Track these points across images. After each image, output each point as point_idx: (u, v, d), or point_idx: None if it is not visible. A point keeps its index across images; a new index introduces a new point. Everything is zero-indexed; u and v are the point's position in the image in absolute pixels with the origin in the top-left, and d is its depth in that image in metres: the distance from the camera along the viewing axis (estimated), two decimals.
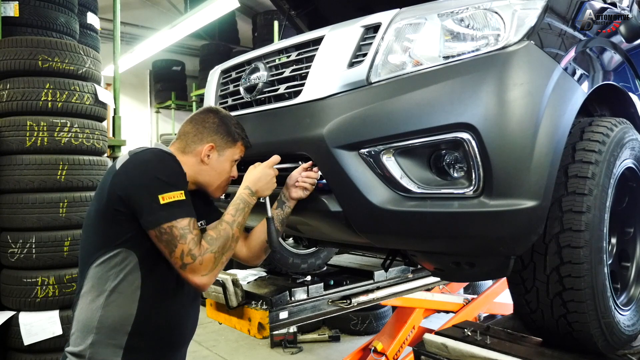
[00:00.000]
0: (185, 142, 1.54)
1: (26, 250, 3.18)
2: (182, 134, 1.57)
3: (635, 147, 1.65)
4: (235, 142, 1.57)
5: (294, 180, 1.57)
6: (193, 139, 1.54)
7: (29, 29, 3.65)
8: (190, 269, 1.33)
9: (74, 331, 1.42)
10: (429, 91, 1.33)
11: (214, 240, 1.38)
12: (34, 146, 3.22)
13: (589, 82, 1.54)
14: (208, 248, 1.36)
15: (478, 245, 1.36)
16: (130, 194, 1.33)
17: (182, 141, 1.55)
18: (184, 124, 1.60)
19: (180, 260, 1.32)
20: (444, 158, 1.36)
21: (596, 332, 1.48)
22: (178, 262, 1.33)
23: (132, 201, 1.33)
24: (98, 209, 1.39)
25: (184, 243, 1.32)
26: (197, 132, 1.54)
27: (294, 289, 2.43)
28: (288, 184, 1.59)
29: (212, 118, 1.56)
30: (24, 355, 3.17)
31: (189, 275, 1.34)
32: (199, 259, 1.33)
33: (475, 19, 1.37)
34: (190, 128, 1.56)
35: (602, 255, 1.46)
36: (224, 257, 1.41)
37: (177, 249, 1.32)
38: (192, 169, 1.52)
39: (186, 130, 1.56)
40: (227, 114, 1.60)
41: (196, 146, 1.53)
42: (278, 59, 1.77)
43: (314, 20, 2.84)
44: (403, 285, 2.84)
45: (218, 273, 1.41)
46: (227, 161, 1.57)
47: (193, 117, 1.59)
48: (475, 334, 1.82)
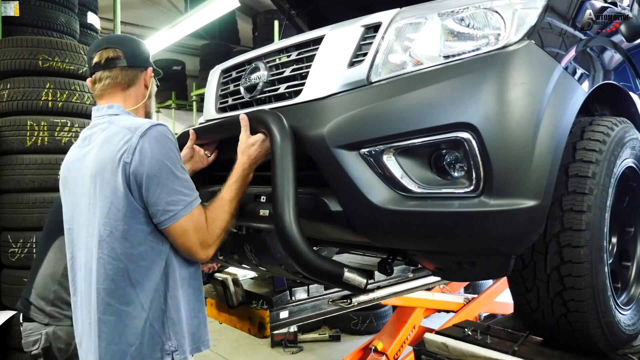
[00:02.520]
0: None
1: (27, 250, 3.18)
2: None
3: (635, 147, 1.65)
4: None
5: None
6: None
7: (29, 29, 3.66)
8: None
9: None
10: (430, 91, 1.33)
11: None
12: (34, 146, 3.22)
13: (590, 81, 1.54)
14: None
15: (479, 244, 1.36)
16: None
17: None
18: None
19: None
20: (445, 158, 1.36)
21: (596, 331, 1.48)
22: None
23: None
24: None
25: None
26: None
27: (294, 289, 2.43)
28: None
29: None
30: (24, 355, 3.17)
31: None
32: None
33: (475, 19, 1.37)
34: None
35: (602, 255, 1.46)
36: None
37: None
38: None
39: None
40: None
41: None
42: (278, 58, 1.77)
43: (314, 19, 2.84)
44: (403, 284, 2.83)
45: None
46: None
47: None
48: (475, 333, 1.83)
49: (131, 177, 1.33)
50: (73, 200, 1.49)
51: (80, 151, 1.48)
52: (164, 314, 1.39)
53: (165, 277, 1.40)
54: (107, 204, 1.35)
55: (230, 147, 1.76)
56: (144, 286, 1.37)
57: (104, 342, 1.35)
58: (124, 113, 1.50)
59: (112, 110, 1.50)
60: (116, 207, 1.34)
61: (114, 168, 1.34)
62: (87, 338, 1.42)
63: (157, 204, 1.35)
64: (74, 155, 1.51)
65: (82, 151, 1.47)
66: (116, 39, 1.61)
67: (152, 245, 1.38)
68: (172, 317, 1.40)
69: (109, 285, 1.35)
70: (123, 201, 1.34)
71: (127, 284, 1.35)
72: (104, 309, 1.36)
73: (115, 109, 1.50)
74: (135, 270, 1.36)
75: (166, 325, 1.40)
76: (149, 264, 1.38)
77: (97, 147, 1.41)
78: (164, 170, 1.35)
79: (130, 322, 1.35)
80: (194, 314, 1.48)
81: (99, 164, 1.37)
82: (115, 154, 1.34)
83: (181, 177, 1.40)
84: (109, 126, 1.44)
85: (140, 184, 1.34)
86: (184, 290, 1.45)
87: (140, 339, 1.35)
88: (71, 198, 1.50)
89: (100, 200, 1.36)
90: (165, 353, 1.38)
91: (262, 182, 1.66)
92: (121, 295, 1.35)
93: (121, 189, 1.33)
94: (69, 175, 1.51)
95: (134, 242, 1.36)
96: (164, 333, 1.39)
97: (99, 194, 1.36)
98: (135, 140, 1.35)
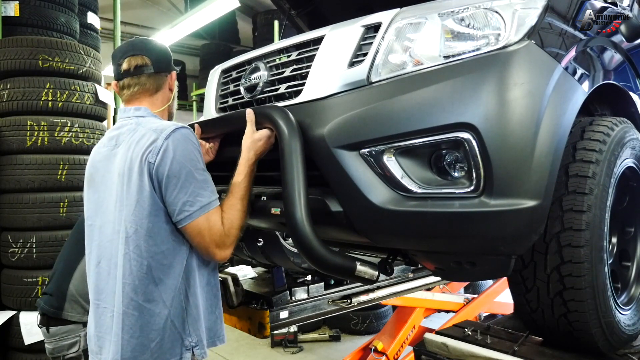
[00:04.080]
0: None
1: (27, 250, 3.18)
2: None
3: (635, 147, 1.66)
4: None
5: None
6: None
7: (29, 29, 3.66)
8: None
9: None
10: (430, 91, 1.33)
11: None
12: (34, 146, 3.22)
13: (590, 81, 1.54)
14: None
15: (479, 244, 1.36)
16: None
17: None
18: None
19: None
20: (445, 158, 1.36)
21: (596, 331, 1.48)
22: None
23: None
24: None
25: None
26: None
27: (294, 289, 2.43)
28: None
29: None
30: (24, 354, 3.18)
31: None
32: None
33: (475, 19, 1.37)
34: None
35: (602, 255, 1.46)
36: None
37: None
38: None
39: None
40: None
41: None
42: (278, 58, 1.77)
43: (314, 19, 2.84)
44: (403, 284, 2.84)
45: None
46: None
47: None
48: (475, 333, 1.83)
49: (154, 177, 1.40)
50: (98, 198, 1.55)
51: (108, 151, 1.54)
52: (184, 311, 1.45)
53: (186, 275, 1.46)
54: (133, 202, 1.41)
55: (228, 147, 1.77)
56: (166, 284, 1.43)
57: (127, 335, 1.41)
58: (150, 115, 1.57)
59: (140, 112, 1.57)
60: (142, 206, 1.41)
61: (141, 168, 1.41)
62: (107, 331, 1.47)
63: (174, 204, 1.41)
64: (101, 155, 1.57)
65: (110, 151, 1.53)
66: (141, 45, 1.63)
67: (173, 244, 1.44)
68: (192, 313, 1.47)
69: (132, 281, 1.41)
70: (148, 200, 1.40)
71: (150, 281, 1.41)
72: (128, 303, 1.41)
73: (143, 111, 1.58)
74: (157, 268, 1.42)
75: (186, 322, 1.46)
76: (171, 261, 1.44)
77: (125, 147, 1.48)
78: (184, 171, 1.41)
79: (151, 318, 1.41)
80: (211, 309, 1.55)
81: (127, 164, 1.44)
82: (142, 155, 1.41)
83: (200, 179, 1.45)
84: (136, 127, 1.50)
85: (160, 183, 1.41)
86: (202, 288, 1.51)
87: (162, 334, 1.41)
88: (96, 195, 1.56)
89: (127, 199, 1.43)
90: (185, 348, 1.45)
91: (262, 182, 1.66)
92: (144, 292, 1.41)
93: (147, 188, 1.40)
94: (96, 174, 1.58)
95: (157, 240, 1.42)
96: (184, 330, 1.45)
97: (126, 192, 1.43)
98: (160, 142, 1.41)
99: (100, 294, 1.51)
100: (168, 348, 1.42)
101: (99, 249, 1.53)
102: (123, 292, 1.42)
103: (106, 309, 1.48)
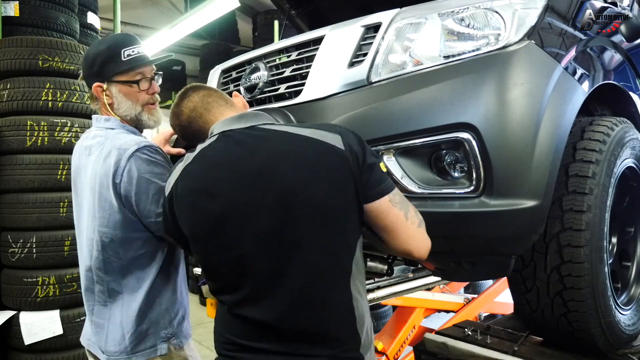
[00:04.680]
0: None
1: (27, 250, 3.18)
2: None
3: (635, 147, 1.65)
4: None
5: None
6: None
7: (29, 29, 3.65)
8: None
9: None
10: (430, 91, 1.33)
11: None
12: (34, 146, 3.21)
13: (590, 81, 1.54)
14: None
15: (479, 245, 1.36)
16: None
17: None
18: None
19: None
20: (445, 158, 1.36)
21: (596, 331, 1.48)
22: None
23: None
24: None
25: None
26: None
27: None
28: None
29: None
30: (24, 354, 3.18)
31: None
32: None
33: (475, 19, 1.37)
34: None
35: (602, 255, 1.46)
36: None
37: None
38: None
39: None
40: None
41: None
42: (278, 58, 1.77)
43: (314, 20, 2.84)
44: (403, 284, 2.83)
45: None
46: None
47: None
48: (475, 333, 1.83)
49: (122, 196, 1.44)
50: (79, 202, 1.60)
51: (84, 159, 1.56)
52: (159, 304, 1.52)
53: (162, 273, 1.52)
54: (106, 215, 1.46)
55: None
56: (145, 279, 1.49)
57: (112, 325, 1.50)
58: (119, 127, 1.55)
59: (109, 123, 1.56)
60: (114, 219, 1.45)
61: (109, 186, 1.44)
62: (89, 323, 1.59)
63: (149, 217, 1.44)
64: (80, 162, 1.59)
65: (86, 159, 1.55)
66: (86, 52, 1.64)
67: (151, 248, 1.50)
68: (167, 306, 1.53)
69: (115, 278, 1.49)
70: (119, 214, 1.45)
71: (130, 277, 1.49)
72: (110, 295, 1.50)
73: (112, 123, 1.56)
74: (136, 267, 1.49)
75: (162, 314, 1.52)
76: (149, 262, 1.50)
77: (94, 162, 1.50)
78: (152, 186, 1.44)
79: (131, 310, 1.48)
80: (183, 303, 1.62)
81: (96, 180, 1.47)
82: (109, 174, 1.43)
83: None
84: (104, 141, 1.50)
85: (130, 202, 1.44)
86: (175, 285, 1.58)
87: (140, 325, 1.49)
88: (77, 199, 1.61)
89: (99, 212, 1.47)
90: (161, 340, 1.51)
91: None
92: (125, 286, 1.49)
93: (116, 204, 1.44)
94: (77, 179, 1.61)
95: (134, 246, 1.48)
96: (161, 321, 1.52)
97: (98, 205, 1.47)
98: (123, 162, 1.43)
99: (85, 288, 1.58)
100: (145, 338, 1.49)
101: (82, 249, 1.59)
102: (104, 287, 1.50)
103: (88, 302, 1.58)
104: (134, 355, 1.48)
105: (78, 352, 3.21)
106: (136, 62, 1.54)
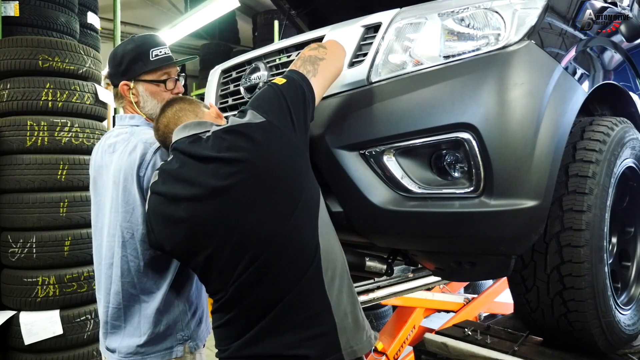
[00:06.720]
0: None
1: (27, 250, 3.18)
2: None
3: (635, 147, 1.65)
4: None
5: None
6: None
7: (29, 29, 3.65)
8: None
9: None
10: (430, 91, 1.33)
11: None
12: (34, 146, 3.21)
13: (590, 81, 1.54)
14: None
15: (479, 245, 1.36)
16: None
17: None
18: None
19: None
20: (445, 158, 1.36)
21: (596, 331, 1.48)
22: None
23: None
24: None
25: None
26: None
27: None
28: None
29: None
30: (24, 355, 3.17)
31: None
32: None
33: (475, 19, 1.37)
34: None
35: (602, 255, 1.46)
36: None
37: None
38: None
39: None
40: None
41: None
42: (278, 58, 1.77)
43: (314, 20, 2.84)
44: (403, 284, 2.84)
45: None
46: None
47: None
48: (475, 333, 1.83)
49: (145, 189, 1.45)
50: (99, 201, 1.60)
51: (107, 156, 1.58)
52: (176, 306, 1.51)
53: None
54: (129, 209, 1.47)
55: None
56: (162, 281, 1.49)
57: (129, 326, 1.50)
58: (144, 124, 1.60)
59: (134, 121, 1.61)
60: (137, 213, 1.47)
61: (133, 179, 1.46)
62: (104, 322, 1.57)
63: None
64: (102, 160, 1.60)
65: (109, 157, 1.57)
66: (111, 53, 1.68)
67: None
68: (184, 309, 1.53)
69: (131, 279, 1.49)
70: (141, 208, 1.46)
71: (148, 278, 1.49)
72: (128, 297, 1.50)
73: (137, 120, 1.61)
74: (153, 266, 1.49)
75: (179, 316, 1.51)
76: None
77: (118, 157, 1.51)
78: None
79: (149, 311, 1.48)
80: (201, 305, 1.62)
81: (121, 174, 1.48)
82: (134, 166, 1.46)
83: None
84: (130, 137, 1.53)
85: None
86: (191, 285, 1.57)
87: (157, 326, 1.48)
88: (97, 198, 1.62)
89: (122, 206, 1.48)
90: (178, 342, 1.51)
91: None
92: (142, 289, 1.49)
93: (139, 198, 1.46)
94: (98, 178, 1.62)
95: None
96: (178, 323, 1.51)
97: (121, 200, 1.48)
98: (149, 156, 1.47)
99: (102, 287, 1.57)
100: (162, 339, 1.49)
101: (99, 248, 1.58)
102: (122, 288, 1.49)
103: (102, 302, 1.57)
104: (149, 356, 1.48)
105: (78, 352, 3.21)
106: (164, 62, 1.60)
